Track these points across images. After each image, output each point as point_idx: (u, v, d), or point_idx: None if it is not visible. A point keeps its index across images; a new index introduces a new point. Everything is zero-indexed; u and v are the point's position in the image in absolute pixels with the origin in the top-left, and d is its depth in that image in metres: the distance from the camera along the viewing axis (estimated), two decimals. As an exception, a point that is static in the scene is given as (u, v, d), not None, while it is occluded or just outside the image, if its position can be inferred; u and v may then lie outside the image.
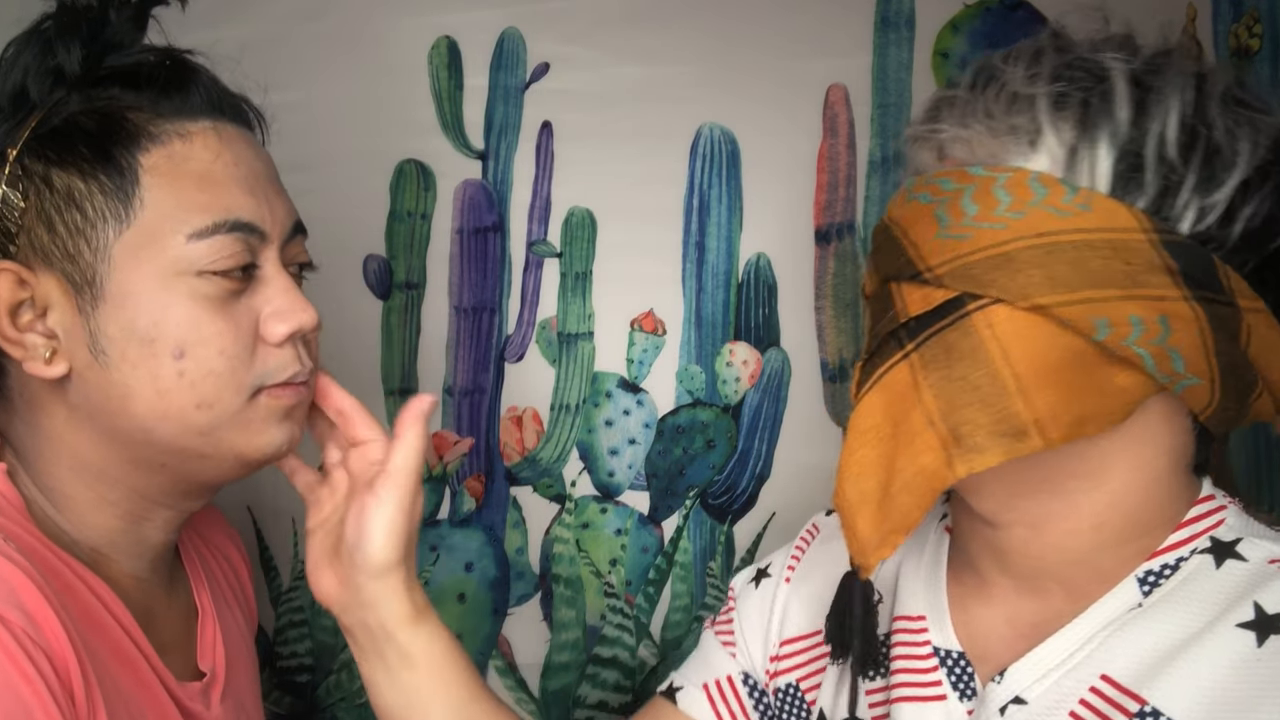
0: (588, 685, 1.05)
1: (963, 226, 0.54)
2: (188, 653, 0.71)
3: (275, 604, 1.08)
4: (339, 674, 1.08)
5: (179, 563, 0.75)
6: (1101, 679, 0.55)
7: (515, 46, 1.04)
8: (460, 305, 1.06)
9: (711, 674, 0.77)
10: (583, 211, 1.04)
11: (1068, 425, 0.52)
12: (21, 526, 0.60)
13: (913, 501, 0.54)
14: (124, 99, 0.61)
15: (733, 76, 1.01)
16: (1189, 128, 0.53)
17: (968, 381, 0.53)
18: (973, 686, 0.61)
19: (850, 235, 1.01)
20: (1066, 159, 0.53)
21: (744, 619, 0.77)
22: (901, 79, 0.99)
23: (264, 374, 0.64)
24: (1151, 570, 0.57)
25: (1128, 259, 0.51)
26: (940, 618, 0.64)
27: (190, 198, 0.60)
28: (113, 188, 0.59)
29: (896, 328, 0.56)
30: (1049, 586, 0.60)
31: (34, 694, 0.51)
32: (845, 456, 0.57)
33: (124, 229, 0.59)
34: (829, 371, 1.02)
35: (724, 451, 1.03)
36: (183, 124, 0.62)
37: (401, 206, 1.06)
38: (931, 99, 0.60)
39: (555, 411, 1.05)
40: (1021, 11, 0.97)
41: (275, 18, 1.05)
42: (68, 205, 0.59)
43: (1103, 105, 0.53)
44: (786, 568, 0.77)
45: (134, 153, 0.60)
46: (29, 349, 0.59)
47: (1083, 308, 0.51)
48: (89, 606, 0.61)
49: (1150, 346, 0.51)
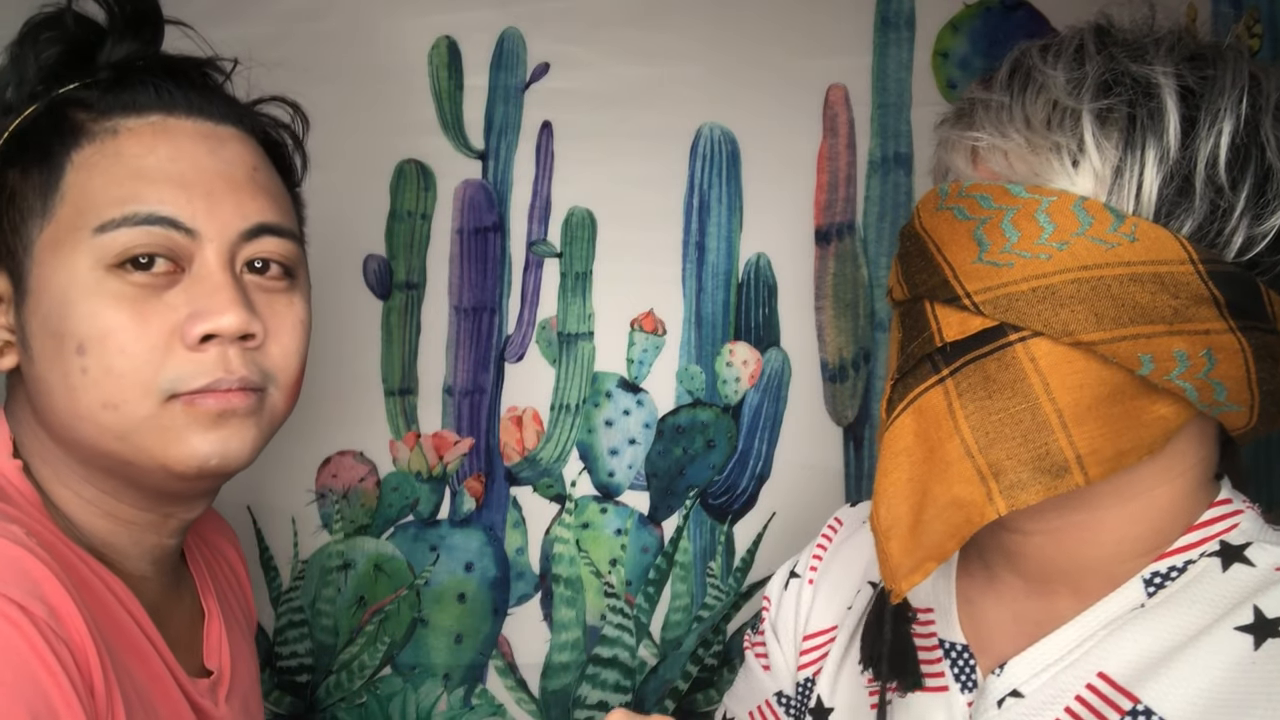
0: (588, 685, 1.05)
1: (1004, 254, 0.52)
2: (194, 652, 0.71)
3: (275, 604, 1.08)
4: (339, 674, 1.08)
5: (184, 565, 0.75)
6: (1098, 676, 0.55)
7: (515, 46, 1.04)
8: (460, 305, 1.06)
9: (754, 700, 0.77)
10: (583, 211, 1.04)
11: (1109, 460, 0.51)
12: (38, 522, 0.61)
13: (947, 532, 0.53)
14: (76, 96, 0.61)
15: (733, 76, 1.01)
16: (1240, 148, 0.50)
17: (1008, 414, 0.52)
18: (974, 679, 0.60)
19: (850, 235, 1.01)
20: (1111, 179, 0.51)
21: (779, 624, 0.76)
22: (901, 79, 0.99)
23: (176, 379, 0.60)
24: (1158, 571, 0.56)
25: (1175, 292, 0.50)
26: (947, 612, 0.64)
27: (106, 192, 0.59)
28: (41, 183, 0.59)
29: (932, 351, 0.55)
30: (1058, 589, 0.59)
31: (55, 684, 0.51)
32: (880, 478, 0.56)
33: (45, 224, 0.59)
34: (829, 371, 1.02)
35: (724, 451, 1.03)
36: (122, 120, 0.61)
37: (401, 206, 1.06)
38: (964, 99, 0.57)
39: (555, 411, 1.05)
40: (1021, 11, 0.97)
41: (275, 18, 1.05)
42: (10, 203, 0.60)
43: (1151, 124, 0.51)
44: (809, 568, 0.76)
45: (69, 149, 0.60)
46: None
47: (1129, 345, 0.50)
48: (104, 600, 0.61)
49: (1194, 380, 0.50)
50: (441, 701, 1.07)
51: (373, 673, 1.07)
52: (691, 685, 1.04)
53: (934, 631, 0.63)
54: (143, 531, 0.67)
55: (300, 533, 1.08)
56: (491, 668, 1.06)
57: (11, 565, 0.54)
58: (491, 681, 1.06)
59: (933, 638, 0.63)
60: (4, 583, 0.52)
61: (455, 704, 1.06)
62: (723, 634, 1.04)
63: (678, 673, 1.04)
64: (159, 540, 0.68)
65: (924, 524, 0.54)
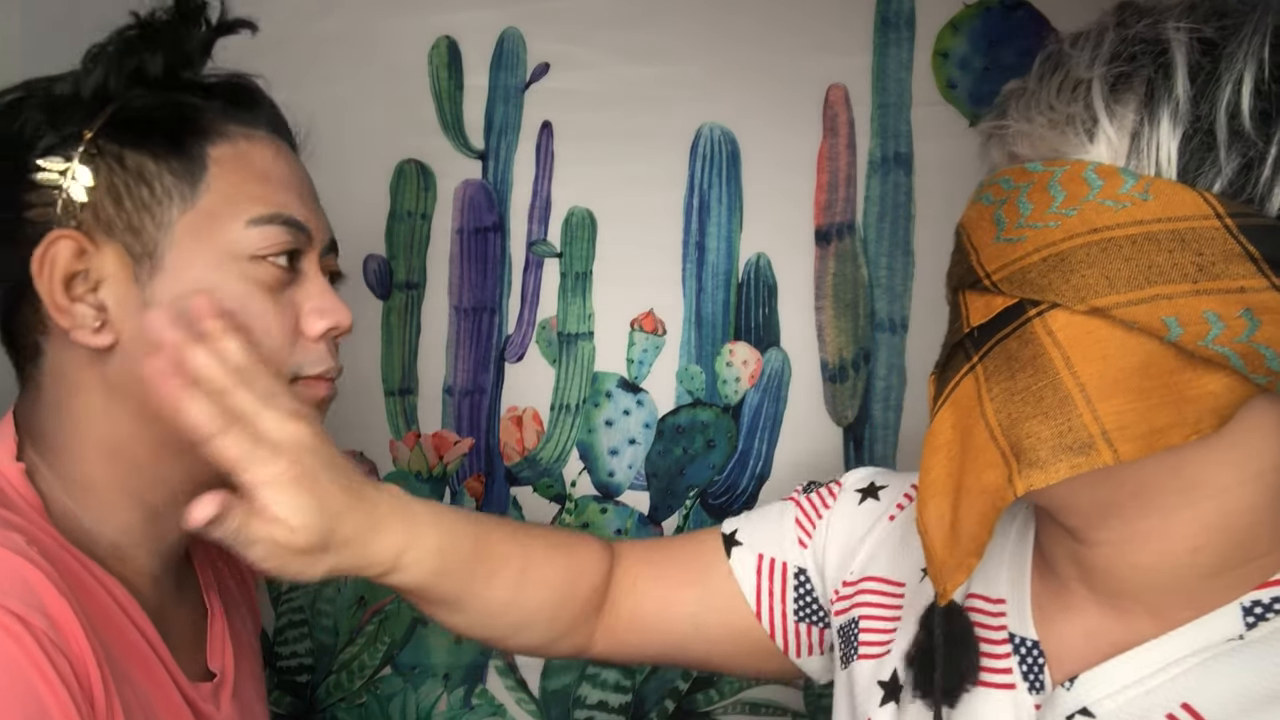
0: (588, 685, 1.05)
1: (1018, 229, 0.50)
2: (197, 653, 0.72)
3: (275, 604, 1.08)
4: (339, 674, 1.08)
5: (189, 565, 0.76)
6: (1182, 707, 0.50)
7: (515, 46, 1.04)
8: (460, 305, 1.06)
9: (771, 550, 0.74)
10: (583, 211, 1.04)
11: (1143, 436, 0.47)
12: (39, 528, 0.61)
13: (977, 521, 0.51)
14: (197, 102, 0.67)
15: (733, 76, 1.01)
16: (1267, 93, 0.46)
17: (1030, 392, 0.49)
18: (1041, 679, 0.56)
19: (850, 235, 1.01)
20: (1129, 146, 0.49)
21: (834, 525, 0.73)
22: (901, 79, 0.99)
23: (301, 364, 0.67)
24: (1260, 601, 0.50)
25: (1199, 249, 0.46)
26: (1021, 605, 0.59)
27: (251, 189, 0.65)
28: (182, 170, 0.64)
29: (963, 338, 0.53)
30: (1134, 609, 0.54)
31: (53, 696, 0.52)
32: (922, 476, 0.54)
33: (188, 208, 0.64)
34: (829, 371, 1.02)
35: (724, 451, 1.03)
36: (248, 130, 0.68)
37: (401, 206, 1.06)
38: (1003, 92, 0.55)
39: (555, 411, 1.05)
40: (1021, 11, 0.97)
41: (275, 18, 1.05)
42: (137, 182, 0.63)
43: (1164, 81, 0.48)
44: (896, 505, 0.72)
45: (203, 144, 0.65)
46: (77, 318, 0.62)
47: (1148, 307, 0.47)
48: (105, 607, 0.61)
49: (1235, 345, 0.46)
50: (441, 701, 1.07)
51: (373, 673, 1.07)
52: (691, 685, 1.04)
53: (1005, 624, 0.59)
54: (168, 524, 0.67)
55: (300, 533, 1.07)
56: (491, 668, 1.06)
57: (11, 576, 0.54)
58: (491, 681, 1.07)
59: (1003, 630, 0.59)
60: (3, 594, 0.52)
61: (455, 704, 1.06)
62: (723, 634, 1.04)
63: (678, 673, 1.04)
64: (178, 535, 0.69)
65: (960, 519, 0.52)
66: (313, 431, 0.58)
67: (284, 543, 0.56)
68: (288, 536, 0.56)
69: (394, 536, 0.62)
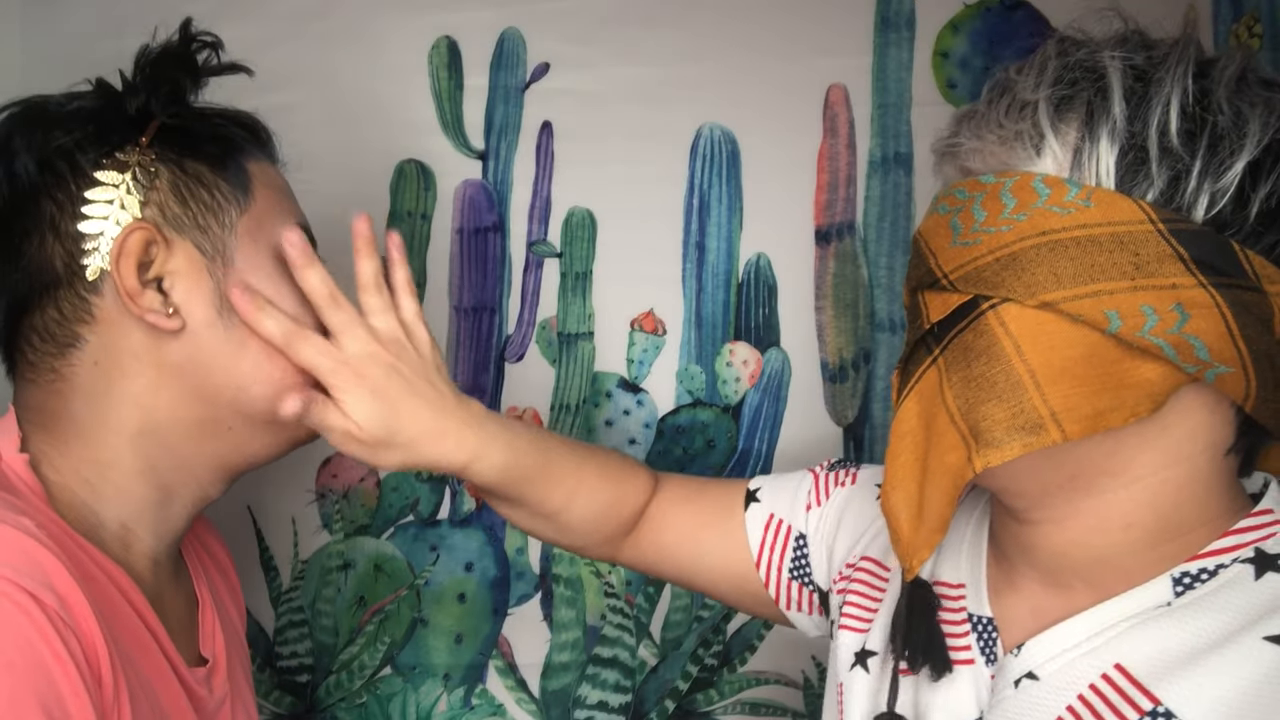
0: (588, 685, 1.05)
1: (973, 233, 0.55)
2: (190, 639, 0.74)
3: (275, 604, 1.08)
4: (339, 674, 1.08)
5: (180, 558, 0.78)
6: (1115, 668, 0.55)
7: (515, 46, 1.04)
8: (460, 305, 1.06)
9: (782, 512, 0.81)
10: (583, 211, 1.04)
11: (1087, 418, 0.53)
12: (43, 514, 0.63)
13: (941, 499, 0.56)
14: (227, 124, 0.73)
15: (733, 76, 1.01)
16: (1192, 115, 0.53)
17: (985, 379, 0.55)
18: (996, 651, 0.62)
19: (850, 235, 1.01)
20: (1072, 160, 0.54)
21: (849, 508, 0.79)
22: (901, 79, 0.99)
23: None
24: (1188, 572, 0.56)
25: (1136, 250, 0.52)
26: (978, 586, 0.65)
27: (281, 202, 0.73)
28: (234, 180, 0.70)
29: (924, 334, 0.59)
30: (1073, 583, 0.59)
31: (64, 674, 0.53)
32: (889, 462, 0.59)
33: (244, 213, 0.70)
34: (829, 371, 1.02)
35: (724, 451, 1.03)
36: (259, 154, 0.74)
37: (401, 206, 1.06)
38: (954, 115, 0.61)
39: (555, 411, 1.05)
40: (1021, 11, 0.97)
41: (275, 18, 1.06)
42: (198, 186, 0.69)
43: (1102, 103, 0.54)
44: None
45: (243, 160, 0.71)
46: (146, 305, 0.66)
47: (1091, 301, 0.52)
48: (108, 592, 0.63)
49: (1168, 336, 0.52)
50: (441, 702, 1.07)
51: (373, 673, 1.07)
52: (691, 685, 1.05)
53: (964, 606, 0.65)
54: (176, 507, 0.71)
55: (300, 533, 1.08)
56: (491, 668, 1.07)
57: (24, 555, 0.55)
58: (491, 681, 1.07)
59: (962, 612, 0.65)
60: (16, 571, 0.53)
61: (455, 704, 1.07)
62: (723, 634, 1.04)
63: (678, 673, 1.05)
64: (181, 522, 0.72)
65: (927, 499, 0.57)
66: (387, 350, 0.70)
67: (354, 434, 0.68)
68: (356, 430, 0.68)
69: (463, 447, 0.72)
